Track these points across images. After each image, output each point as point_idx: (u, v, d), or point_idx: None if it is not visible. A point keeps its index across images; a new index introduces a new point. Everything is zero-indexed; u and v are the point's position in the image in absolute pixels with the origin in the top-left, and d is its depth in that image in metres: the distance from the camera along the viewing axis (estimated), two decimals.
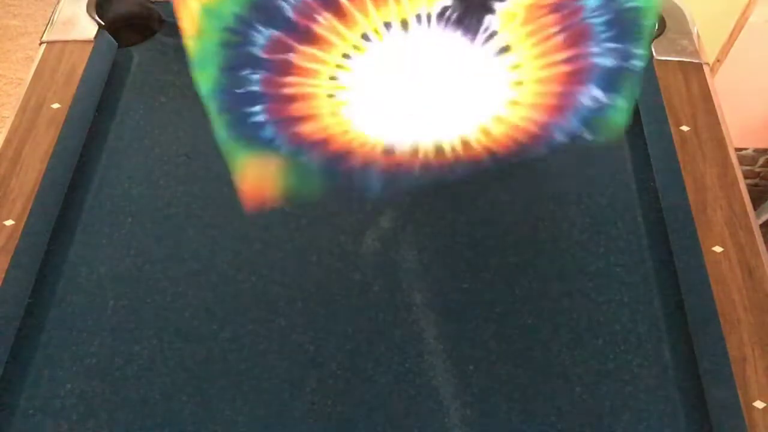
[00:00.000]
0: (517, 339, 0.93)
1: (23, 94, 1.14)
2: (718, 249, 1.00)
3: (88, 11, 1.26)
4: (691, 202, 1.05)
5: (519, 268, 1.00)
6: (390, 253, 0.96)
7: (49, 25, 1.25)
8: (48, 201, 1.01)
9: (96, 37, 1.22)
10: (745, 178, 1.56)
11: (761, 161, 2.17)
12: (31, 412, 0.85)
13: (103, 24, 1.24)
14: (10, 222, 0.98)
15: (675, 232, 1.02)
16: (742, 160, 2.11)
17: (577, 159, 1.12)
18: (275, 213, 1.03)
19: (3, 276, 0.93)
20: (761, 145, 2.12)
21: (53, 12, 1.27)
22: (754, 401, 0.85)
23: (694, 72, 1.23)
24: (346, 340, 0.92)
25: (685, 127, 1.15)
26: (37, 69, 1.18)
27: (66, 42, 1.22)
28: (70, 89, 1.15)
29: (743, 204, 1.05)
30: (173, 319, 0.93)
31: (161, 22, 1.31)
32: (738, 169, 1.10)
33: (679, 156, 1.10)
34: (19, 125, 1.10)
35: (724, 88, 1.40)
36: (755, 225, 1.03)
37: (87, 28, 1.24)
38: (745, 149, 2.12)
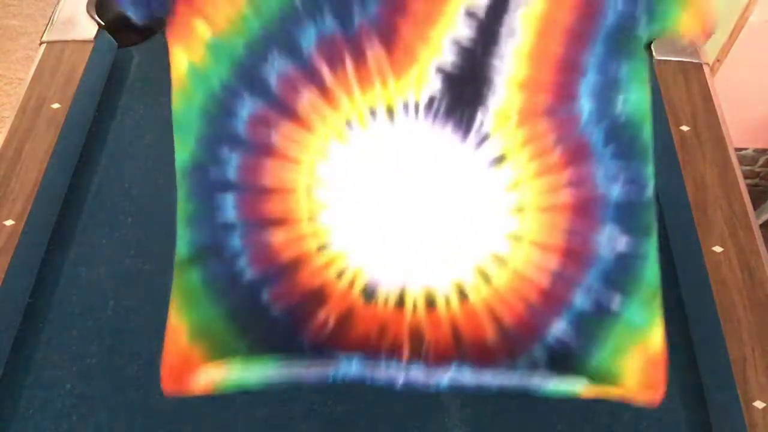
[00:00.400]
0: None
1: (23, 94, 1.14)
2: (718, 249, 1.00)
3: (88, 11, 1.26)
4: (691, 202, 1.05)
5: None
6: None
7: (49, 25, 1.25)
8: (48, 201, 1.01)
9: (96, 37, 1.22)
10: (745, 178, 1.56)
11: (761, 161, 2.17)
12: (31, 412, 0.85)
13: (103, 24, 1.24)
14: (10, 222, 0.98)
15: (675, 232, 1.02)
16: (742, 160, 2.11)
17: None
18: None
19: (3, 276, 0.93)
20: (761, 145, 2.12)
21: (53, 12, 1.27)
22: (754, 401, 0.85)
23: (694, 72, 1.23)
24: None
25: (685, 127, 1.15)
26: (37, 69, 1.18)
27: (66, 42, 1.22)
28: (70, 89, 1.15)
29: (743, 204, 1.05)
30: None
31: (161, 22, 1.31)
32: (738, 169, 1.10)
33: (679, 156, 1.10)
34: (19, 125, 1.10)
35: (724, 88, 1.40)
36: (755, 225, 1.03)
37: (87, 28, 1.24)
38: (745, 149, 2.12)
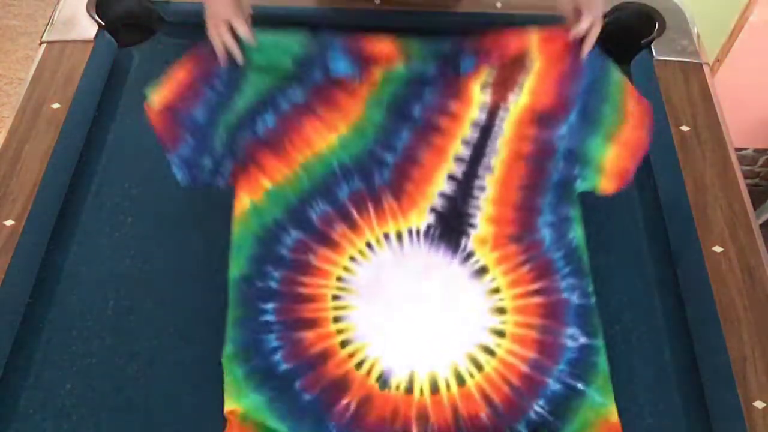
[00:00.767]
0: None
1: (23, 94, 1.14)
2: (718, 249, 1.00)
3: (88, 11, 1.26)
4: (691, 202, 1.05)
5: None
6: None
7: (49, 25, 1.25)
8: (48, 201, 1.01)
9: (96, 37, 1.22)
10: (745, 178, 1.56)
11: (761, 161, 2.17)
12: (31, 412, 0.85)
13: (103, 24, 1.24)
14: (10, 222, 0.98)
15: (675, 232, 1.02)
16: (742, 160, 2.11)
17: None
18: None
19: (3, 276, 0.93)
20: (761, 145, 2.12)
21: (53, 12, 1.27)
22: (754, 401, 0.85)
23: (694, 72, 1.23)
24: None
25: (685, 127, 1.15)
26: (37, 69, 1.18)
27: (66, 42, 1.22)
28: (70, 89, 1.15)
29: (743, 204, 1.05)
30: (173, 319, 0.93)
31: (161, 22, 1.31)
32: (738, 169, 1.10)
33: (679, 156, 1.10)
34: (19, 125, 1.10)
35: (724, 88, 1.40)
36: (755, 225, 1.03)
37: (87, 28, 1.24)
38: (745, 149, 2.12)
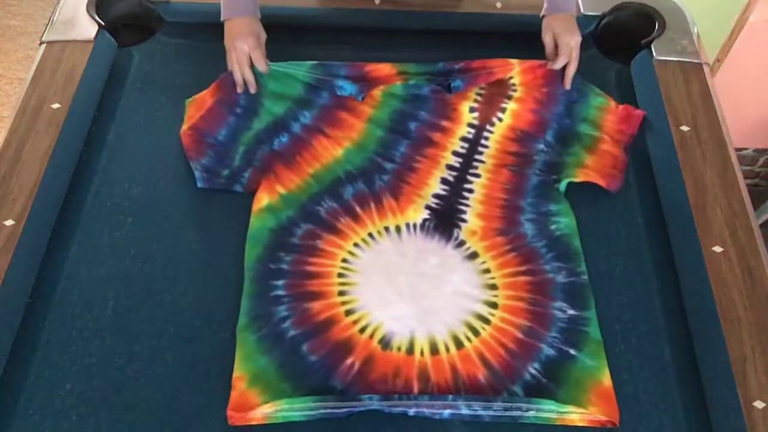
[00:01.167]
0: None
1: (23, 94, 1.14)
2: (718, 249, 1.00)
3: (88, 11, 1.26)
4: (691, 202, 1.05)
5: None
6: None
7: (49, 25, 1.25)
8: (48, 201, 1.01)
9: (96, 37, 1.22)
10: (745, 178, 1.56)
11: (761, 161, 2.17)
12: (31, 412, 0.85)
13: (103, 24, 1.24)
14: (10, 222, 0.98)
15: (675, 232, 1.02)
16: (742, 160, 2.11)
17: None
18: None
19: (3, 276, 0.93)
20: (761, 145, 2.12)
21: (53, 12, 1.27)
22: (754, 401, 0.85)
23: (694, 72, 1.23)
24: None
25: (685, 127, 1.15)
26: (37, 69, 1.18)
27: (66, 42, 1.22)
28: (70, 89, 1.15)
29: (743, 204, 1.05)
30: (173, 319, 0.93)
31: (161, 22, 1.31)
32: (738, 169, 1.10)
33: (679, 156, 1.10)
34: (19, 125, 1.10)
35: (724, 88, 1.41)
36: (755, 225, 1.03)
37: (87, 28, 1.24)
38: (745, 149, 2.12)
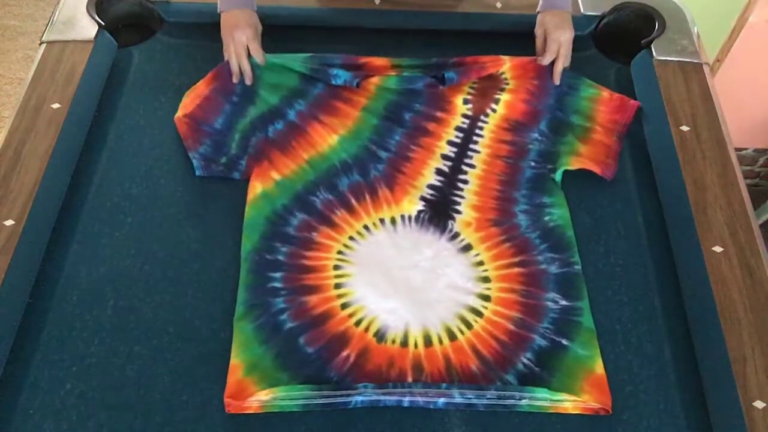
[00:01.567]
0: None
1: (23, 94, 1.14)
2: (718, 249, 1.00)
3: (88, 11, 1.26)
4: (691, 202, 1.05)
5: None
6: None
7: (49, 25, 1.25)
8: (48, 201, 1.01)
9: (96, 37, 1.22)
10: (745, 178, 1.56)
11: (761, 161, 2.17)
12: (31, 412, 0.85)
13: (103, 24, 1.24)
14: (10, 222, 0.98)
15: (675, 232, 1.02)
16: (742, 160, 2.11)
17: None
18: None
19: (3, 276, 0.93)
20: (761, 145, 2.12)
21: (53, 12, 1.27)
22: (754, 401, 0.85)
23: (694, 72, 1.23)
24: None
25: (685, 127, 1.15)
26: (37, 69, 1.18)
27: (66, 42, 1.22)
28: (70, 89, 1.15)
29: (743, 204, 1.05)
30: (173, 319, 0.93)
31: (161, 22, 1.31)
32: (738, 169, 1.10)
33: (679, 156, 1.10)
34: (19, 125, 1.10)
35: (724, 88, 1.40)
36: (755, 225, 1.03)
37: (87, 28, 1.24)
38: (745, 149, 2.12)
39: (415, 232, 1.03)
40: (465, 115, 1.18)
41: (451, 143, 1.14)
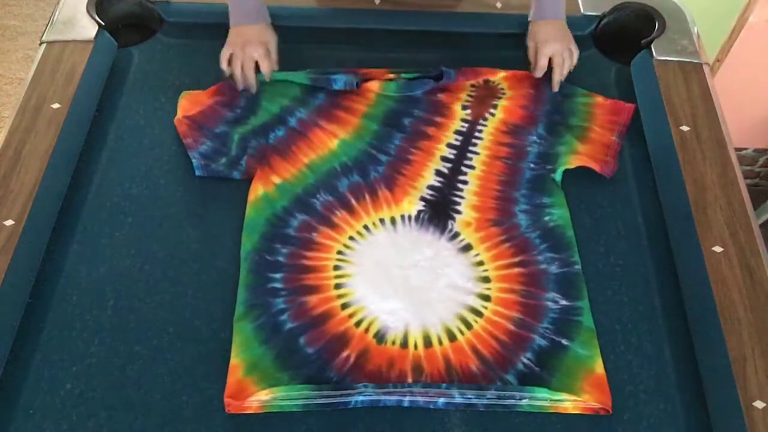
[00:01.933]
0: None
1: (23, 94, 1.14)
2: (718, 249, 1.00)
3: (88, 11, 1.26)
4: (691, 202, 1.05)
5: None
6: None
7: (49, 25, 1.25)
8: (48, 201, 1.01)
9: (96, 37, 1.23)
10: (745, 178, 1.56)
11: (761, 161, 2.17)
12: (31, 412, 0.85)
13: (103, 24, 1.24)
14: (10, 222, 0.98)
15: (675, 232, 1.02)
16: (742, 160, 2.11)
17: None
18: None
19: (3, 276, 0.93)
20: (761, 145, 2.12)
21: (53, 12, 1.27)
22: (754, 401, 0.85)
23: (694, 72, 1.23)
24: None
25: (685, 127, 1.15)
26: (37, 69, 1.18)
27: (66, 42, 1.22)
28: (70, 89, 1.15)
29: (743, 204, 1.05)
30: (173, 319, 0.93)
31: (161, 22, 1.31)
32: (738, 169, 1.10)
33: (679, 156, 1.10)
34: (19, 125, 1.10)
35: (724, 88, 1.40)
36: (755, 225, 1.03)
37: (87, 28, 1.24)
38: (745, 149, 2.12)
39: (414, 232, 1.04)
40: (464, 120, 1.19)
41: (450, 146, 1.15)
